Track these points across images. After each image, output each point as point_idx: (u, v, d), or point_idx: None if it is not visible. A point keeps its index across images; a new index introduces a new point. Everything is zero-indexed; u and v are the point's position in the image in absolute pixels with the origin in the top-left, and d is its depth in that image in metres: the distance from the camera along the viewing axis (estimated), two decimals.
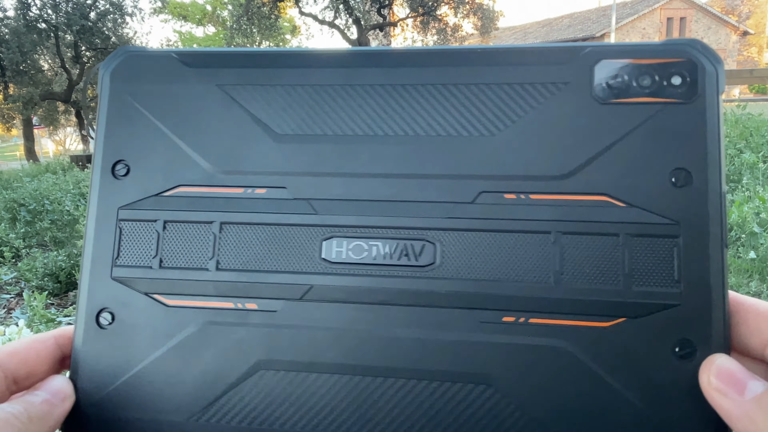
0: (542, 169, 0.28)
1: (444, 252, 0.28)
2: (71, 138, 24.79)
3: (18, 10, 12.88)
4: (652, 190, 0.27)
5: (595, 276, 0.27)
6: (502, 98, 0.29)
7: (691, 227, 0.26)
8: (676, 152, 0.27)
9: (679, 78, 0.27)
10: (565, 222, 0.27)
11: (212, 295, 0.29)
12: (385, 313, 0.28)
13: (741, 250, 2.52)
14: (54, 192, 5.31)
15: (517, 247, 0.28)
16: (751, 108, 6.12)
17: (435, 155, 0.29)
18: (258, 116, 0.30)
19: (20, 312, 2.61)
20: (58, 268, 3.12)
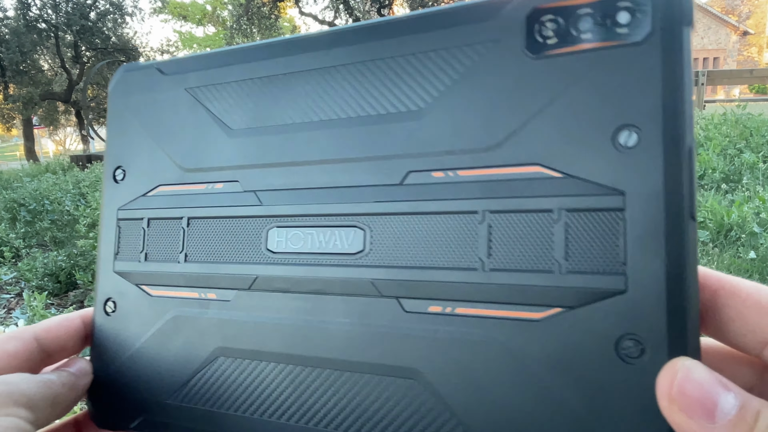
0: (470, 142, 0.25)
1: (373, 238, 0.27)
2: (71, 138, 24.79)
3: (18, 10, 12.88)
4: (591, 154, 0.22)
5: (526, 259, 0.23)
6: (428, 67, 0.26)
7: (641, 197, 0.21)
8: (621, 106, 0.22)
9: (626, 14, 0.22)
10: (494, 199, 0.24)
11: (182, 286, 0.32)
12: (320, 303, 0.28)
13: (741, 250, 2.52)
14: (54, 192, 5.31)
15: (445, 230, 0.25)
16: (751, 108, 6.13)
17: (365, 137, 0.27)
18: (216, 114, 0.32)
19: (20, 312, 2.61)
20: (58, 268, 3.12)
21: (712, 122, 5.59)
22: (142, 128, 0.34)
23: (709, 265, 2.42)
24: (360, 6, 14.72)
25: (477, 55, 0.25)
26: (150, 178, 0.33)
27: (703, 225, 2.96)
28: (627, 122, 0.22)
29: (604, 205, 0.22)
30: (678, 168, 0.21)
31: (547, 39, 0.23)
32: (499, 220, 0.24)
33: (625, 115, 0.22)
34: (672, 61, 0.21)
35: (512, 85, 0.24)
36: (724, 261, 2.46)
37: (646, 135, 0.21)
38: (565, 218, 0.23)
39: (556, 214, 0.23)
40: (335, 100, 0.28)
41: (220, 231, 0.31)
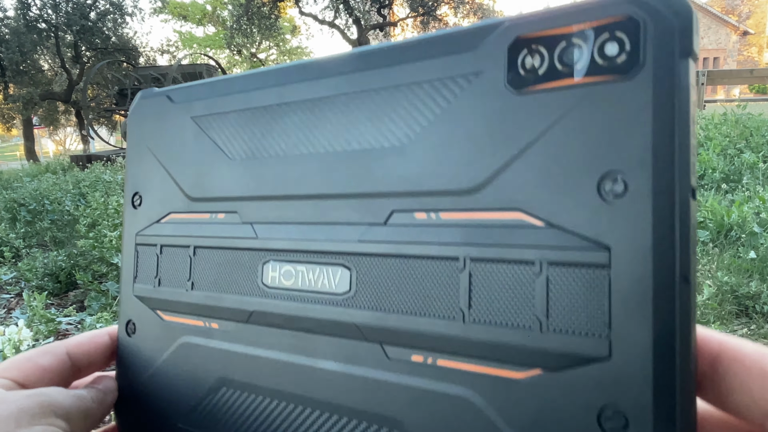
0: (452, 183, 0.23)
1: (359, 279, 0.26)
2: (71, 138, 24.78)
3: (18, 10, 12.88)
4: (575, 203, 0.20)
5: (507, 314, 0.22)
6: (411, 101, 0.25)
7: (627, 254, 0.19)
8: (608, 150, 0.19)
9: (614, 45, 0.20)
10: (475, 246, 0.22)
11: (189, 313, 0.32)
12: (310, 342, 0.27)
13: (741, 250, 2.52)
14: (54, 192, 5.31)
15: (427, 276, 0.24)
16: (751, 108, 6.13)
17: (351, 172, 0.26)
18: (219, 144, 0.32)
19: (20, 312, 2.61)
20: (58, 268, 3.11)
21: (712, 122, 5.59)
22: (155, 155, 0.35)
23: (709, 265, 2.42)
24: (360, 6, 14.72)
25: (459, 88, 0.23)
26: (162, 205, 0.34)
27: (703, 225, 2.95)
28: (613, 168, 0.19)
29: (588, 261, 0.20)
30: (669, 222, 0.18)
31: (530, 72, 0.21)
32: (480, 268, 0.23)
33: (611, 160, 0.19)
34: (665, 99, 0.18)
35: (494, 123, 0.22)
36: (724, 261, 2.46)
37: (633, 183, 0.19)
38: (546, 272, 0.21)
39: (538, 267, 0.21)
40: (323, 133, 0.27)
41: (221, 261, 0.32)
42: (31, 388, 0.29)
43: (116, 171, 6.73)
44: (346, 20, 15.14)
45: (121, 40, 14.43)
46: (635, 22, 0.19)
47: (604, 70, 0.20)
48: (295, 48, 23.43)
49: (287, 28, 21.08)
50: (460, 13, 14.67)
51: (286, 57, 22.90)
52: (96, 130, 12.59)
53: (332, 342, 0.27)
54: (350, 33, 15.31)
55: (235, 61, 22.01)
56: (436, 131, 0.24)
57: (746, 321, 2.06)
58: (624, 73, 0.19)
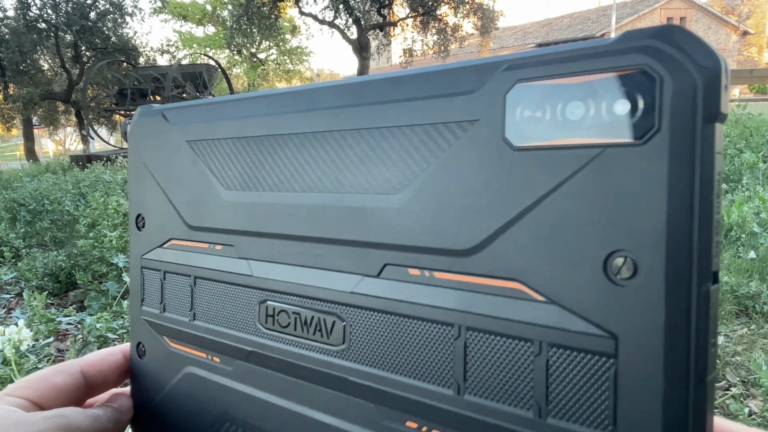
0: (446, 241, 0.21)
1: (352, 332, 0.25)
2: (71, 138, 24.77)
3: (18, 10, 12.88)
4: (578, 280, 0.18)
5: (503, 392, 0.20)
6: (405, 145, 0.22)
7: (636, 345, 0.17)
8: (616, 225, 0.17)
9: (627, 103, 0.17)
10: (471, 314, 0.20)
11: (193, 344, 0.32)
12: (304, 390, 0.27)
13: (741, 249, 2.52)
14: (54, 192, 5.30)
15: (421, 338, 0.22)
16: (751, 108, 6.12)
17: (343, 217, 0.24)
18: (213, 172, 0.30)
19: (20, 312, 2.61)
20: (58, 268, 3.11)
21: None
22: (154, 177, 0.34)
23: None
24: (360, 6, 14.71)
25: (454, 136, 0.21)
26: (164, 230, 0.34)
27: None
28: (622, 247, 0.17)
29: (592, 347, 0.18)
30: (685, 313, 0.16)
31: (530, 125, 0.19)
32: (477, 339, 0.20)
33: (620, 236, 0.17)
34: (684, 170, 0.16)
35: (490, 180, 0.20)
36: (724, 261, 2.46)
37: (644, 266, 0.16)
38: (546, 353, 0.19)
39: (537, 347, 0.19)
40: (315, 171, 0.26)
41: (220, 295, 0.31)
42: (47, 408, 0.30)
43: (116, 171, 6.73)
44: (346, 20, 15.13)
45: (121, 40, 14.42)
46: (651, 78, 0.16)
47: (614, 132, 0.17)
48: (295, 48, 23.40)
49: (287, 28, 21.06)
50: (460, 13, 14.67)
51: (286, 57, 22.87)
52: (96, 130, 12.59)
53: (326, 394, 0.26)
54: (350, 33, 15.31)
55: (235, 61, 22.01)
56: (431, 181, 0.22)
57: (746, 321, 2.06)
58: (637, 136, 0.16)
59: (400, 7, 15.54)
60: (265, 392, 0.29)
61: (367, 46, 15.06)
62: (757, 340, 1.89)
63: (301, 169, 0.26)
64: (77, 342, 2.21)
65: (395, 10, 15.68)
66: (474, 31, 15.79)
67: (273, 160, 0.27)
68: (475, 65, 0.21)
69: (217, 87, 15.97)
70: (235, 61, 22.10)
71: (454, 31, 14.95)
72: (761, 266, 2.36)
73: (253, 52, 20.59)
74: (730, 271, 2.33)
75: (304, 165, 0.26)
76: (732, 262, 2.41)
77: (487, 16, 14.69)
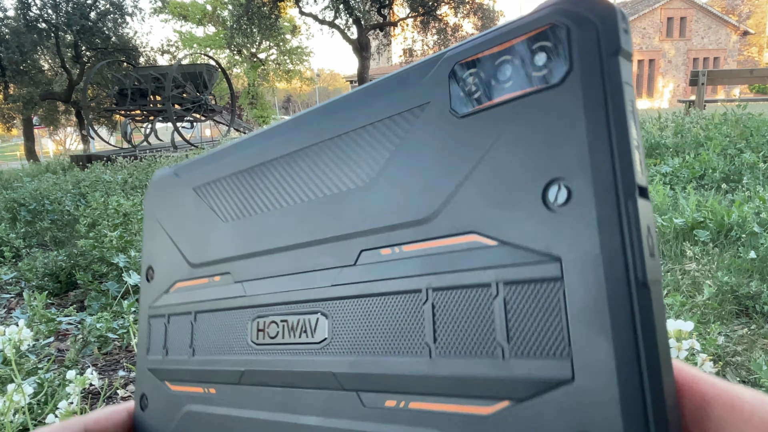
0: (411, 214, 0.23)
1: (335, 325, 0.25)
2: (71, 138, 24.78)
3: (18, 10, 12.88)
4: (523, 216, 0.20)
5: (470, 344, 0.21)
6: (369, 141, 0.25)
7: (578, 263, 0.18)
8: (548, 159, 0.19)
9: (543, 55, 0.19)
10: (435, 275, 0.22)
11: (191, 381, 0.32)
12: (294, 397, 0.27)
13: (741, 250, 2.52)
14: (54, 192, 5.31)
15: (394, 313, 0.23)
16: (751, 108, 6.13)
17: (323, 217, 0.27)
18: (214, 209, 0.32)
19: (20, 312, 2.61)
20: (58, 267, 3.12)
21: (713, 122, 5.60)
22: (164, 228, 0.36)
23: (710, 265, 2.42)
24: (360, 6, 14.72)
25: (408, 123, 0.23)
26: (170, 275, 0.35)
27: (703, 225, 2.95)
28: (556, 176, 0.19)
29: (541, 275, 0.19)
30: (617, 224, 0.17)
31: (470, 95, 0.21)
32: (442, 298, 0.22)
33: (552, 168, 0.19)
34: (596, 99, 0.18)
35: (443, 150, 0.22)
36: (724, 261, 2.46)
37: (576, 189, 0.18)
38: (503, 293, 0.20)
39: (494, 289, 0.20)
40: (298, 185, 0.28)
41: (217, 324, 0.31)
42: None
43: (116, 171, 6.74)
44: (346, 20, 15.13)
45: (121, 40, 14.42)
46: (559, 29, 0.19)
47: (536, 81, 0.20)
48: (296, 48, 23.39)
49: (287, 28, 21.06)
50: (460, 13, 14.68)
51: (286, 57, 22.86)
52: (96, 129, 12.60)
53: (313, 395, 0.26)
54: (350, 33, 15.31)
55: (235, 61, 22.02)
56: (393, 166, 0.24)
57: (746, 321, 2.06)
58: (556, 80, 0.19)
59: (400, 7, 15.54)
60: (258, 411, 0.28)
61: (368, 46, 15.06)
62: (758, 340, 1.89)
63: (286, 186, 0.29)
64: (77, 342, 2.21)
65: (395, 10, 15.69)
66: (474, 31, 15.79)
67: (260, 184, 0.30)
68: (422, 61, 0.24)
69: (217, 87, 15.98)
70: (235, 61, 22.10)
71: (454, 31, 14.96)
72: (761, 266, 2.36)
73: (253, 52, 20.59)
74: (730, 271, 2.33)
75: (288, 182, 0.29)
76: (732, 262, 2.41)
77: (487, 17, 14.70)
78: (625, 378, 0.17)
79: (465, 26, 15.16)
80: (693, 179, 4.16)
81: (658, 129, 5.83)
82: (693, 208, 3.09)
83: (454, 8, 14.64)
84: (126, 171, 6.68)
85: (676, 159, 4.56)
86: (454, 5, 14.57)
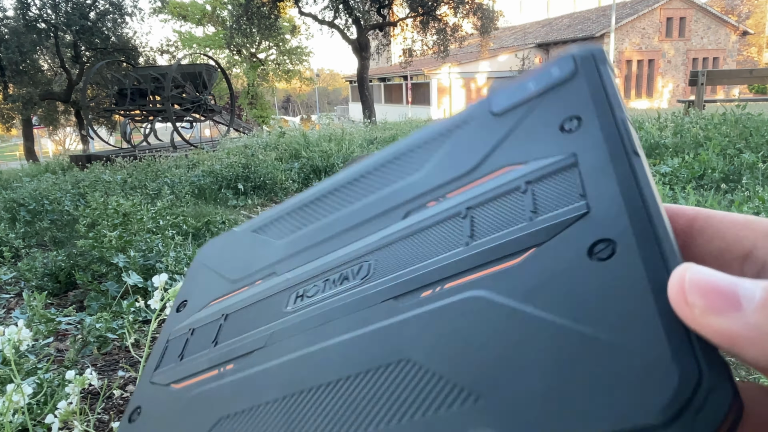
0: (454, 172, 0.29)
1: (377, 263, 0.29)
2: (71, 138, 24.76)
3: (18, 10, 12.87)
4: (544, 139, 0.26)
5: (502, 227, 0.25)
6: (425, 148, 0.32)
7: (587, 152, 0.24)
8: (567, 103, 0.27)
9: (556, 66, 0.28)
10: (474, 198, 0.27)
11: (205, 369, 0.32)
12: (324, 329, 0.28)
13: None
14: (54, 192, 5.30)
15: (434, 236, 0.28)
16: (751, 108, 6.13)
17: (377, 201, 0.32)
18: (269, 235, 0.37)
19: (20, 312, 2.61)
20: (58, 268, 3.11)
21: (712, 122, 5.59)
22: (209, 267, 0.39)
23: None
24: (359, 6, 14.72)
25: (458, 127, 0.31)
26: (204, 297, 0.37)
27: None
28: (572, 114, 0.26)
29: (561, 166, 0.25)
30: (613, 123, 0.25)
31: (504, 101, 0.30)
32: (479, 210, 0.27)
33: (570, 108, 0.26)
34: (596, 85, 0.26)
35: (481, 133, 0.29)
36: None
37: (586, 119, 0.25)
38: (530, 187, 0.25)
39: (524, 187, 0.26)
40: (356, 196, 0.33)
41: (250, 312, 0.33)
42: None
43: (116, 171, 6.73)
44: (346, 20, 15.13)
45: (121, 40, 14.42)
46: (571, 57, 0.28)
47: (551, 81, 0.28)
48: (295, 48, 23.36)
49: (287, 28, 21.05)
50: (460, 13, 14.67)
51: (286, 57, 22.84)
52: (95, 130, 12.58)
53: (346, 319, 0.27)
54: (350, 33, 15.31)
55: (235, 61, 22.01)
56: (444, 153, 0.31)
57: None
58: (564, 76, 0.28)
59: (400, 7, 15.54)
60: (279, 358, 0.28)
61: (367, 46, 15.06)
62: None
63: (345, 197, 0.34)
64: (76, 342, 2.21)
65: (395, 10, 15.68)
66: (474, 32, 15.79)
67: (320, 210, 0.35)
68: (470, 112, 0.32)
69: (217, 87, 15.97)
70: (235, 61, 22.08)
71: (454, 31, 14.95)
72: None
73: (252, 52, 20.59)
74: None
75: (347, 198, 0.34)
76: None
77: (486, 17, 14.70)
78: (630, 198, 0.22)
79: (465, 26, 15.15)
80: (692, 179, 4.16)
81: (658, 129, 5.83)
82: None
83: (453, 8, 14.64)
84: (125, 171, 6.67)
85: (675, 159, 4.56)
86: (453, 5, 14.56)
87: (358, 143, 7.90)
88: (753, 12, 34.17)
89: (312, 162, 6.63)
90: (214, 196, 5.41)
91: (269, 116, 22.73)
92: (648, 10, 22.64)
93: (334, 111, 39.04)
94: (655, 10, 22.78)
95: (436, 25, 14.97)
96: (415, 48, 16.34)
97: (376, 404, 0.24)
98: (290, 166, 6.45)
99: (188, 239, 3.62)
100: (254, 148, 7.22)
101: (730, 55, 24.31)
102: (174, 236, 3.36)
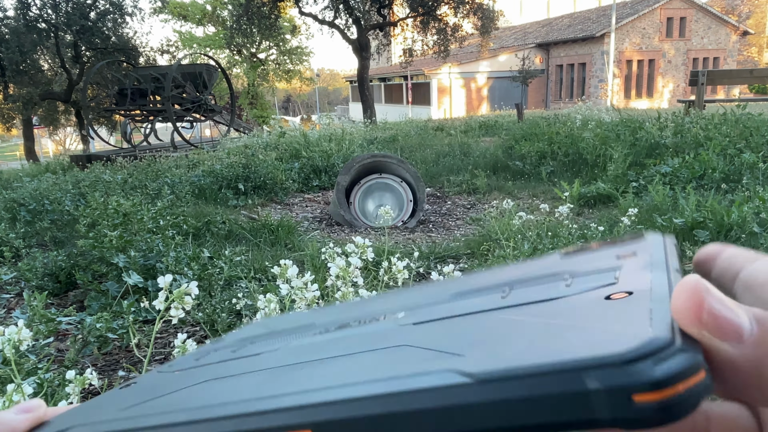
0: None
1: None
2: (71, 138, 24.76)
3: (18, 10, 12.88)
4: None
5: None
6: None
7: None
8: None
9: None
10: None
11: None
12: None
13: None
14: (54, 192, 5.31)
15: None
16: (751, 108, 6.12)
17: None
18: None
19: (20, 312, 2.61)
20: (58, 267, 3.11)
21: (712, 122, 5.59)
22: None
23: None
24: (360, 6, 14.72)
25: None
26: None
27: (703, 225, 2.95)
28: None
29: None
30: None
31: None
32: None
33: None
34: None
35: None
36: None
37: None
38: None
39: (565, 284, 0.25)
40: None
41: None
42: None
43: (116, 171, 6.73)
44: (346, 20, 15.13)
45: (121, 40, 14.42)
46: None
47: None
48: (295, 48, 23.36)
49: (287, 28, 21.05)
50: (460, 13, 14.67)
51: (286, 57, 22.84)
52: (96, 129, 12.59)
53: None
54: (350, 33, 15.31)
55: (235, 61, 22.01)
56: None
57: None
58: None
59: (400, 7, 15.54)
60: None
61: (367, 46, 15.06)
62: None
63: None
64: (77, 342, 2.21)
65: (395, 10, 15.68)
66: (474, 31, 15.79)
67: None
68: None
69: (217, 87, 15.97)
70: (235, 61, 22.08)
71: (454, 31, 14.95)
72: None
73: (253, 52, 20.59)
74: None
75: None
76: None
77: (487, 16, 14.69)
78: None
79: (465, 26, 15.15)
80: (693, 179, 4.16)
81: (658, 129, 5.83)
82: (693, 208, 3.10)
83: (453, 8, 14.63)
84: (126, 171, 6.67)
85: (675, 159, 4.56)
86: (453, 5, 14.56)
87: (358, 143, 7.90)
88: (753, 12, 34.16)
89: (312, 162, 6.63)
90: (215, 196, 5.41)
91: (269, 116, 22.71)
92: (648, 10, 22.63)
93: (335, 111, 38.98)
94: (655, 10, 22.77)
95: (436, 25, 14.97)
96: (415, 48, 16.34)
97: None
98: (290, 165, 6.45)
99: (188, 239, 3.62)
100: (254, 148, 7.23)
101: (730, 55, 24.29)
102: (174, 236, 3.36)
